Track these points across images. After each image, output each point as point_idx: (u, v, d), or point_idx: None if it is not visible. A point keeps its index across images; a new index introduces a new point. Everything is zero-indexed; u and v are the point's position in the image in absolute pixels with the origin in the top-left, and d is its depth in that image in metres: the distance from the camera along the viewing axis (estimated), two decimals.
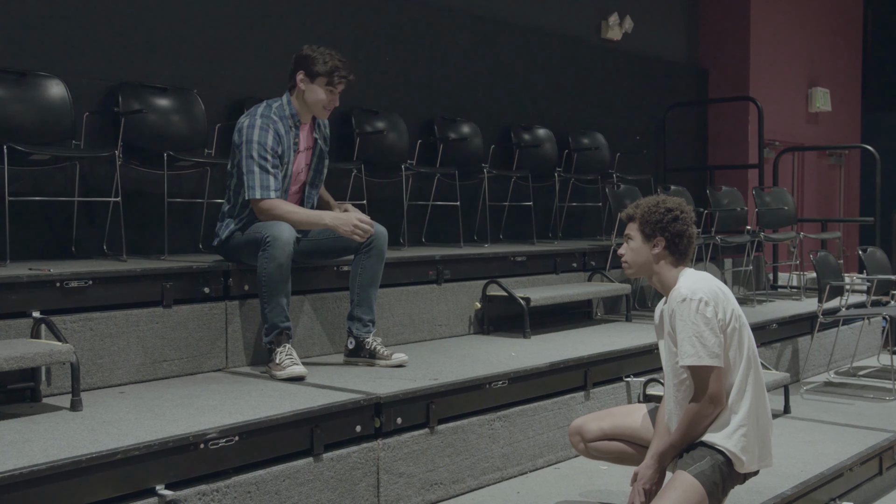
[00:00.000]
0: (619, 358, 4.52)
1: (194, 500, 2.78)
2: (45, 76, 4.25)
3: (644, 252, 3.09)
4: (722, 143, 9.04)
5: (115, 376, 3.58)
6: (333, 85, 3.90)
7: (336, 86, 3.91)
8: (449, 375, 3.77)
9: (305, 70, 3.90)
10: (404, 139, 5.85)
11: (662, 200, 3.10)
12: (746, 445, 2.99)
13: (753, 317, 5.93)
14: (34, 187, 4.26)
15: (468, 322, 5.07)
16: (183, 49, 4.94)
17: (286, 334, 3.80)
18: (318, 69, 3.87)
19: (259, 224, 3.88)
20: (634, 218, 3.12)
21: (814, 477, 3.89)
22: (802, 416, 5.04)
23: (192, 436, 2.81)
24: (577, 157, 7.14)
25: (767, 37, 9.23)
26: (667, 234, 3.04)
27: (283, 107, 3.95)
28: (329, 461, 3.18)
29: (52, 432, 2.84)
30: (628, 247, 3.14)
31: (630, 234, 3.13)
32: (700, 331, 2.91)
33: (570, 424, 3.38)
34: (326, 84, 3.89)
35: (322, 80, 3.88)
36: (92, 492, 2.60)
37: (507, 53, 7.02)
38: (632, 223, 3.13)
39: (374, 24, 6.03)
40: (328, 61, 3.87)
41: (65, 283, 3.47)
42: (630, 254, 3.13)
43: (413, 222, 5.91)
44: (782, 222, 7.31)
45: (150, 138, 4.51)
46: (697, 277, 3.06)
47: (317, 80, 3.89)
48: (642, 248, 3.09)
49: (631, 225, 3.13)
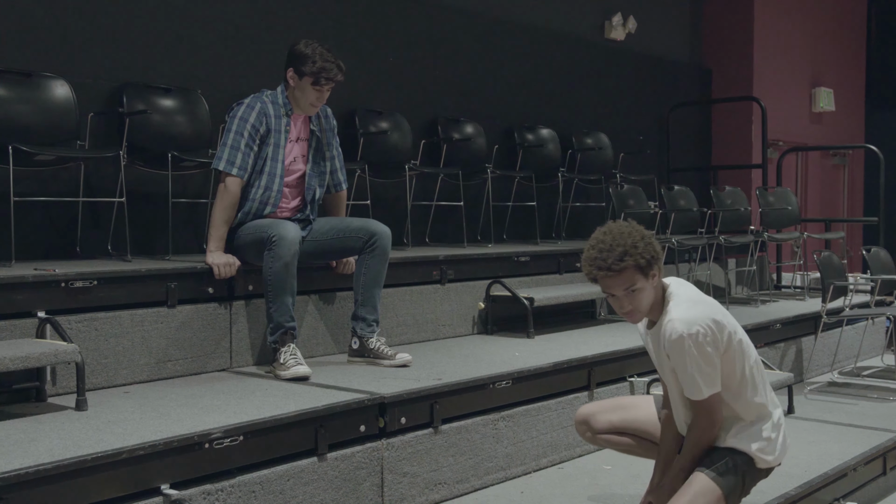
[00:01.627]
0: (622, 358, 4.52)
1: (199, 500, 2.79)
2: (50, 77, 4.26)
3: (650, 291, 2.82)
4: (726, 143, 9.04)
5: (120, 376, 3.58)
6: (320, 85, 3.92)
7: (322, 86, 3.92)
8: (453, 375, 3.78)
9: (294, 68, 3.93)
10: (408, 139, 5.85)
11: (628, 233, 2.78)
12: (767, 446, 2.96)
13: (757, 317, 5.94)
14: (39, 188, 4.27)
15: (472, 322, 5.08)
16: (187, 49, 4.95)
17: (291, 334, 3.81)
18: (305, 69, 3.90)
19: (262, 222, 3.90)
20: (623, 269, 2.74)
21: (818, 477, 3.89)
22: (806, 416, 5.03)
23: (197, 435, 2.82)
24: (580, 158, 7.15)
25: (771, 37, 9.22)
26: (657, 260, 2.82)
27: (277, 95, 4.01)
28: (333, 461, 3.19)
29: (58, 432, 2.85)
30: (635, 297, 2.80)
31: (629, 285, 2.77)
32: (701, 367, 2.79)
33: (577, 412, 3.30)
34: (313, 84, 3.91)
35: (308, 79, 3.90)
36: (97, 491, 2.61)
37: (510, 54, 7.02)
38: (623, 274, 2.75)
39: (378, 24, 6.04)
40: (317, 62, 3.88)
41: (70, 283, 3.48)
42: (639, 303, 2.81)
43: (417, 222, 5.92)
44: (786, 222, 7.30)
45: (154, 139, 4.52)
46: (687, 301, 2.86)
47: (304, 79, 3.91)
48: (647, 288, 2.80)
49: (622, 276, 2.76)
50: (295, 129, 4.06)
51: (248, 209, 3.98)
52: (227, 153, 3.90)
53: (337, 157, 4.29)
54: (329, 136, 4.21)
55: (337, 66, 3.92)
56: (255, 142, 3.93)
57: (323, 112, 4.18)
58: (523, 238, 6.57)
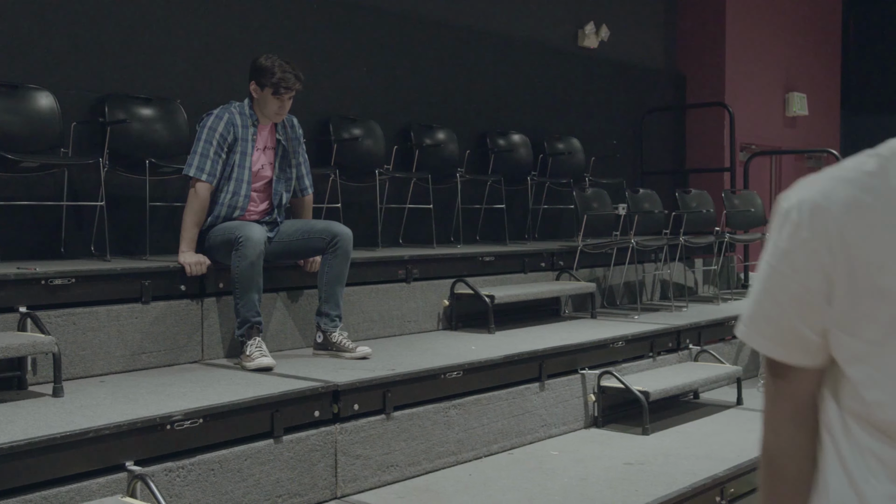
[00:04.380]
0: (573, 351, 4.80)
1: (161, 476, 3.08)
2: (36, 88, 4.55)
3: None
4: (699, 148, 9.32)
5: (97, 367, 3.87)
6: (279, 95, 4.21)
7: (282, 96, 4.22)
8: (407, 366, 4.06)
9: (256, 80, 4.23)
10: (380, 145, 6.14)
11: None
12: None
13: (715, 314, 6.23)
14: (25, 192, 4.56)
15: (437, 318, 5.36)
16: (167, 61, 5.24)
17: (257, 328, 4.10)
18: (266, 80, 4.19)
19: (231, 224, 4.19)
20: None
21: (748, 461, 4.17)
22: (754, 407, 5.31)
23: (159, 417, 3.11)
24: (551, 162, 7.43)
25: (744, 43, 9.50)
26: None
27: (244, 106, 4.31)
28: (289, 443, 3.47)
29: (34, 415, 3.14)
30: None
31: None
32: None
33: None
34: (273, 94, 4.21)
35: (269, 90, 4.20)
36: (67, 466, 2.89)
37: (484, 62, 7.31)
38: None
39: (352, 34, 6.33)
40: (276, 73, 4.17)
41: (49, 280, 3.77)
42: None
43: (391, 224, 6.21)
44: (751, 223, 7.59)
45: (134, 146, 4.81)
46: None
47: (265, 90, 4.20)
48: None
49: None
50: (262, 139, 4.36)
51: (218, 212, 4.27)
52: (197, 160, 4.20)
53: (303, 163, 4.58)
54: (295, 144, 4.50)
55: (295, 76, 4.22)
56: (223, 150, 4.22)
57: (289, 122, 4.47)
58: (495, 240, 6.86)
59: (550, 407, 4.61)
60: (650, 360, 5.34)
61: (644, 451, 4.34)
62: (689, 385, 5.10)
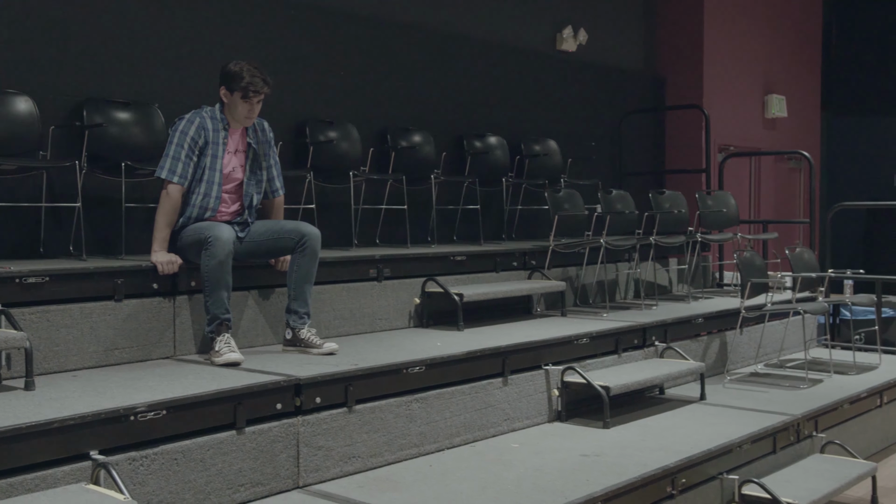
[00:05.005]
0: (537, 348, 4.95)
1: (125, 465, 3.23)
2: (14, 93, 4.71)
3: None
4: (678, 149, 9.48)
5: (71, 362, 4.03)
6: (248, 99, 4.37)
7: (251, 99, 4.37)
8: (370, 361, 4.21)
9: (226, 85, 4.39)
10: (357, 148, 6.29)
11: None
12: None
13: (684, 311, 6.38)
14: (5, 194, 4.71)
15: (408, 316, 5.51)
16: (145, 66, 5.39)
17: (226, 325, 4.25)
18: (234, 85, 4.35)
19: (201, 225, 4.34)
20: None
21: (700, 452, 4.32)
22: (715, 402, 5.46)
23: (123, 409, 3.26)
24: (528, 163, 7.59)
25: (722, 45, 9.66)
26: None
27: (215, 111, 4.46)
28: (251, 434, 3.63)
29: (3, 407, 3.28)
30: None
31: None
32: None
33: None
34: (242, 98, 4.37)
35: (238, 94, 4.35)
36: (32, 455, 3.04)
37: (462, 66, 7.47)
38: None
39: (329, 39, 6.48)
40: (244, 77, 4.34)
41: (23, 279, 3.93)
42: None
43: (368, 225, 6.37)
44: (724, 224, 7.73)
45: (111, 149, 4.97)
46: None
47: (234, 94, 4.36)
48: None
49: None
50: (233, 142, 4.51)
51: (190, 213, 4.43)
52: (169, 163, 4.36)
53: (274, 166, 4.73)
54: (266, 147, 4.65)
55: (263, 80, 4.37)
56: (194, 153, 4.37)
57: (260, 126, 4.63)
58: (471, 239, 7.01)
59: (514, 401, 4.76)
60: (615, 356, 5.49)
61: (602, 443, 4.49)
62: (651, 380, 5.25)
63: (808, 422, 5.23)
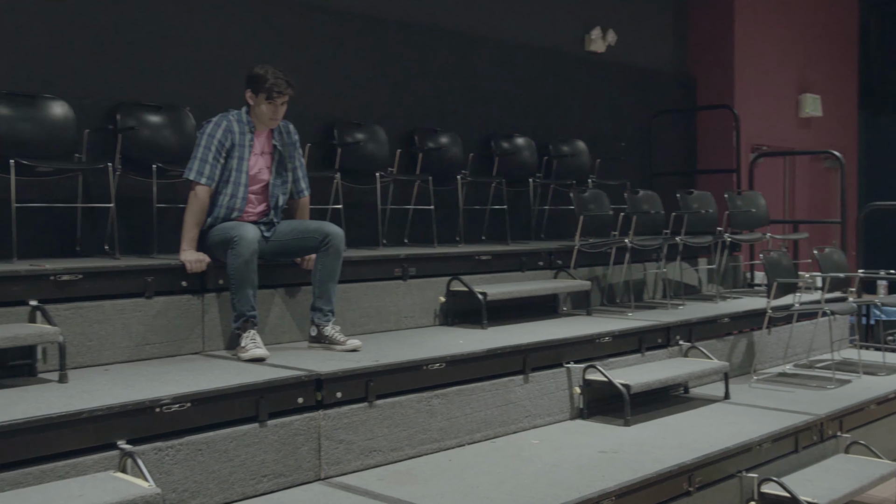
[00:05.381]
0: (557, 346, 5.01)
1: (151, 454, 3.35)
2: (51, 98, 4.88)
3: None
4: (710, 149, 9.46)
5: (103, 357, 4.17)
6: (273, 100, 4.49)
7: (275, 101, 4.49)
8: (391, 358, 4.31)
9: (251, 88, 4.52)
10: (384, 149, 6.40)
11: None
12: None
13: (711, 311, 6.39)
14: (43, 195, 4.88)
15: (433, 315, 5.60)
16: (176, 71, 5.55)
17: (252, 322, 4.37)
18: (258, 87, 4.48)
19: (228, 225, 4.47)
20: None
21: (719, 450, 4.35)
22: (739, 402, 5.47)
23: (149, 401, 3.39)
24: (556, 164, 7.64)
25: (754, 44, 9.62)
26: None
27: (241, 114, 4.59)
28: (273, 427, 3.74)
29: (38, 398, 3.44)
30: None
31: None
32: None
33: None
34: (266, 99, 4.49)
35: (263, 96, 4.48)
36: (63, 443, 3.18)
37: (489, 68, 7.54)
38: None
39: (357, 43, 6.60)
40: (269, 79, 4.47)
41: (58, 276, 4.08)
42: None
43: (396, 225, 6.47)
44: (754, 224, 7.72)
45: (143, 151, 5.12)
46: None
47: (259, 96, 4.48)
48: None
49: None
50: (259, 144, 4.64)
51: (217, 214, 4.56)
52: (197, 165, 4.49)
53: (299, 167, 4.85)
54: (291, 149, 4.77)
55: (286, 82, 4.50)
56: (221, 155, 4.50)
57: (285, 128, 4.75)
58: (498, 239, 7.07)
59: (535, 399, 4.82)
60: (639, 355, 5.53)
61: (621, 441, 4.54)
62: (673, 379, 5.28)
63: (833, 422, 5.23)
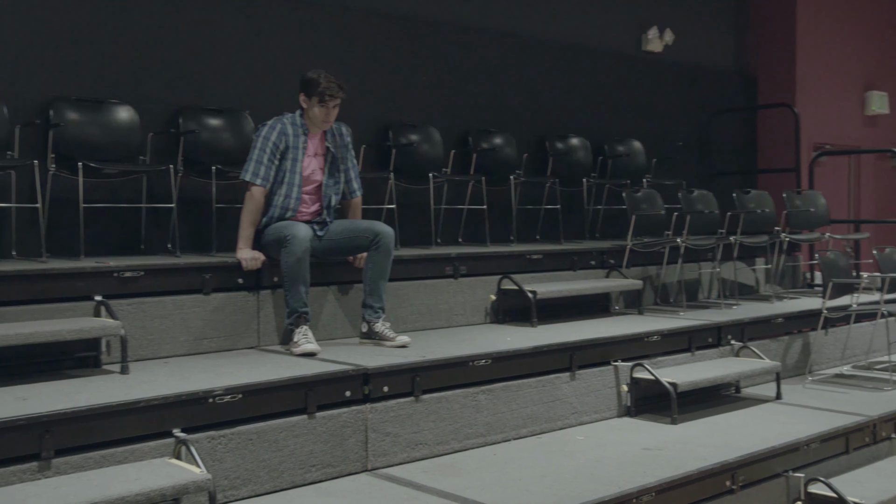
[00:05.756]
0: (604, 344, 5.06)
1: (204, 443, 3.52)
2: (117, 103, 5.12)
3: None
4: (772, 147, 9.35)
5: (163, 350, 4.37)
6: (325, 103, 4.64)
7: (327, 103, 4.64)
8: (437, 354, 4.42)
9: (305, 92, 4.68)
10: (438, 150, 6.52)
11: None
12: None
13: (765, 311, 6.35)
14: (110, 196, 5.12)
15: (484, 312, 5.69)
16: (236, 76, 5.75)
17: (304, 318, 4.53)
18: (311, 91, 4.63)
19: (282, 224, 4.64)
20: None
21: (764, 449, 4.36)
22: (791, 402, 5.45)
23: (202, 392, 3.56)
24: (612, 164, 7.67)
25: (817, 41, 9.47)
26: None
27: (296, 117, 4.76)
28: (321, 419, 3.88)
29: (100, 388, 3.64)
30: None
31: None
32: None
33: None
34: (319, 102, 4.64)
35: (315, 99, 4.63)
36: (122, 430, 3.37)
37: (545, 69, 7.60)
38: None
39: (414, 47, 6.73)
40: (321, 83, 4.63)
41: (121, 273, 4.30)
42: None
43: (451, 224, 6.59)
44: (813, 223, 7.63)
45: (203, 153, 5.33)
46: None
47: (312, 99, 4.64)
48: None
49: None
50: (312, 146, 4.80)
51: (272, 213, 4.73)
52: (252, 166, 4.67)
53: (352, 168, 4.99)
54: (343, 151, 4.92)
55: (338, 86, 4.65)
56: (275, 157, 4.67)
57: (338, 131, 4.90)
58: (553, 239, 7.12)
59: (581, 396, 4.88)
60: (688, 354, 5.54)
61: (666, 438, 4.58)
62: (721, 378, 5.28)
63: (886, 423, 5.17)
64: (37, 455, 3.17)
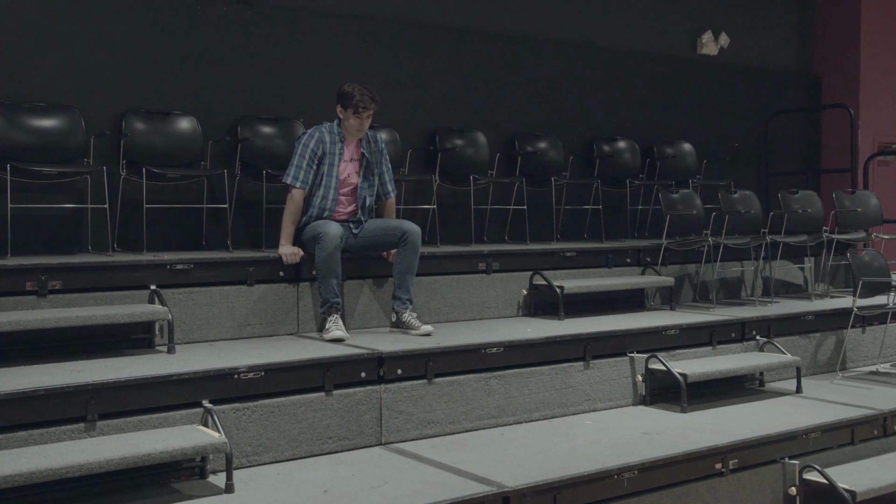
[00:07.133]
0: (619, 336, 5.37)
1: (230, 413, 4.04)
2: (180, 114, 5.73)
3: None
4: (836, 148, 9.36)
5: (210, 334, 4.93)
6: (359, 114, 5.11)
7: (361, 114, 5.11)
8: (452, 341, 4.83)
9: (341, 103, 5.16)
10: (482, 153, 6.92)
11: None
12: None
13: (796, 308, 6.51)
14: (174, 197, 5.73)
15: (517, 306, 6.07)
16: (290, 87, 6.30)
17: (335, 307, 5.02)
18: (346, 103, 5.11)
19: (318, 223, 5.15)
20: None
21: (757, 436, 4.60)
22: (810, 396, 5.63)
23: (228, 368, 4.09)
24: (660, 165, 7.91)
25: (881, 41, 9.42)
26: None
27: (333, 126, 5.25)
28: (338, 396, 4.35)
29: (146, 364, 4.20)
30: None
31: None
32: None
33: None
34: (354, 113, 5.12)
35: (350, 110, 5.10)
36: (157, 399, 3.92)
37: (597, 74, 7.90)
38: None
39: (464, 56, 7.14)
40: (355, 96, 5.09)
41: (173, 266, 4.88)
42: None
43: (498, 224, 6.99)
44: (862, 224, 7.68)
45: (257, 158, 5.89)
46: None
47: (347, 111, 5.11)
48: None
49: None
50: (348, 152, 5.29)
51: (311, 213, 5.24)
52: (293, 171, 5.19)
53: (386, 172, 5.46)
54: (377, 156, 5.39)
55: (371, 98, 5.11)
56: (314, 162, 5.18)
57: (373, 137, 5.37)
58: (597, 238, 7.41)
59: (595, 384, 5.21)
60: (709, 348, 5.78)
61: (670, 424, 4.86)
62: (734, 370, 5.49)
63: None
64: (83, 418, 3.74)
